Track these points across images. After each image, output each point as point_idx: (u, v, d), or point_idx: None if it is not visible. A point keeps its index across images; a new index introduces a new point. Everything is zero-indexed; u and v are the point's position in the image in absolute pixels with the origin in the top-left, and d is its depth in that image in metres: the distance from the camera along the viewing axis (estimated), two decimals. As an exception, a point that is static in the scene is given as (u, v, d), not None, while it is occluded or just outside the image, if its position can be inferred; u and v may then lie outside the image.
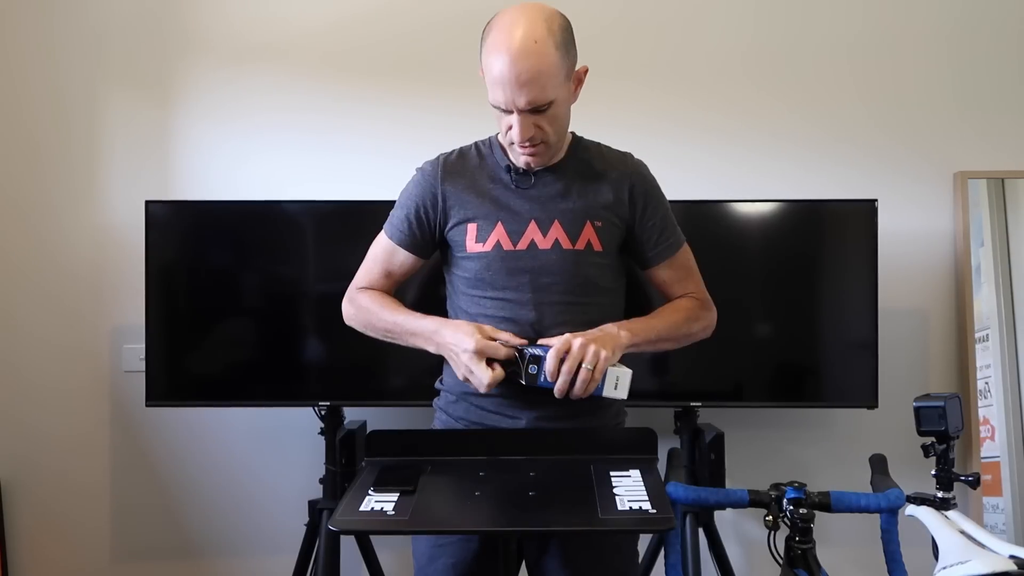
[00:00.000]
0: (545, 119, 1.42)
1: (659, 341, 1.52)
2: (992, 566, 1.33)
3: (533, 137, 1.42)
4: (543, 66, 1.36)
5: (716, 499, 1.59)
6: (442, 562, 1.49)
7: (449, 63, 2.41)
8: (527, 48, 1.34)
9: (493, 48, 1.38)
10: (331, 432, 2.18)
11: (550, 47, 1.36)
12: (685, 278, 1.62)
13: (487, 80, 1.41)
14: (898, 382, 2.35)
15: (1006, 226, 2.41)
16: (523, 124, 1.40)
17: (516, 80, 1.35)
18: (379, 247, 1.61)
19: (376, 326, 1.56)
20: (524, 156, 1.47)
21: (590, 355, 1.36)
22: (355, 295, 1.61)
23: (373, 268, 1.61)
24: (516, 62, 1.34)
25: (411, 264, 1.59)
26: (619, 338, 1.42)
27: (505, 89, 1.37)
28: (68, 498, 2.43)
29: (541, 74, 1.36)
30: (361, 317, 1.58)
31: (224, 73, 2.42)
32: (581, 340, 1.37)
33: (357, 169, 2.42)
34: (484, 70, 1.41)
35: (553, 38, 1.37)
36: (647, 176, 1.58)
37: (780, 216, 2.25)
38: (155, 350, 2.18)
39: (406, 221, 1.56)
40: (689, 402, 2.21)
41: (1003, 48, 2.44)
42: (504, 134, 1.47)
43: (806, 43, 2.44)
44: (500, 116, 1.44)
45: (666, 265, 1.59)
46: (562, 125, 1.48)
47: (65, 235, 2.41)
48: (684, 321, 1.56)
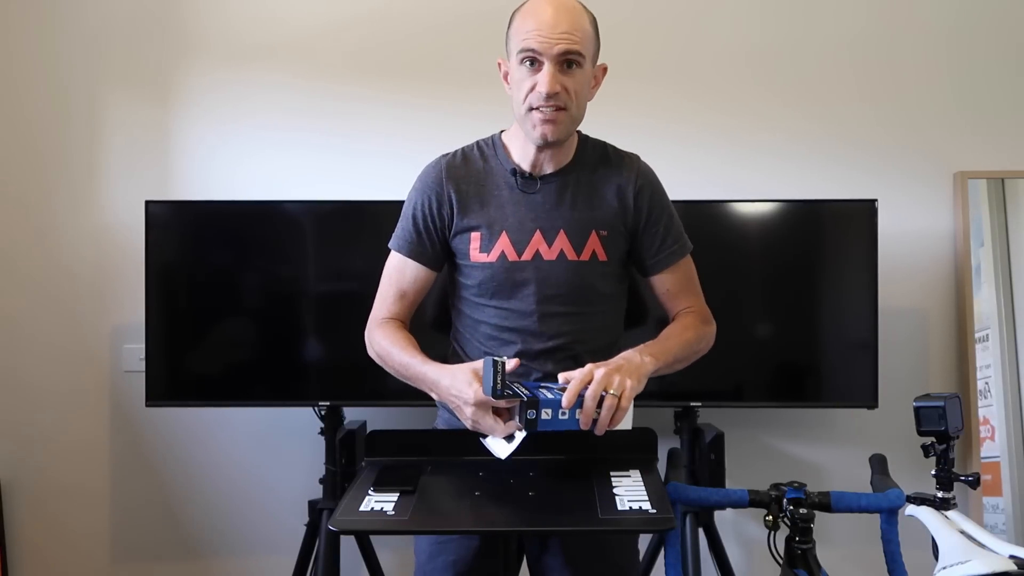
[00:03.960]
0: (571, 81, 1.41)
1: (674, 363, 1.47)
2: (992, 566, 1.32)
3: (558, 95, 1.40)
4: (580, 23, 1.42)
5: (716, 499, 1.59)
6: (443, 560, 1.49)
7: (449, 63, 2.41)
8: (567, 5, 1.42)
9: (530, 10, 1.42)
10: (331, 432, 2.18)
11: (585, 17, 1.44)
12: (687, 289, 1.59)
13: (518, 35, 1.42)
14: (898, 382, 2.35)
15: (1006, 226, 2.41)
16: (552, 76, 1.39)
17: (555, 24, 1.38)
18: (390, 267, 1.56)
19: (391, 366, 1.49)
20: (542, 126, 1.42)
21: (615, 384, 1.26)
22: (372, 333, 1.54)
23: (387, 292, 1.55)
24: (558, 11, 1.40)
25: (424, 279, 1.54)
26: (643, 366, 1.34)
27: (543, 32, 1.38)
28: (68, 498, 2.44)
29: (578, 27, 1.40)
30: (380, 357, 1.52)
31: (224, 73, 2.42)
32: (604, 370, 1.28)
33: (357, 169, 2.42)
34: (514, 35, 1.44)
35: (587, 15, 1.45)
36: (654, 181, 1.57)
37: (780, 216, 2.25)
38: (155, 350, 2.18)
39: (413, 231, 1.53)
40: (689, 402, 2.21)
41: (1003, 48, 2.44)
42: (524, 100, 1.43)
43: (806, 43, 2.44)
44: (522, 80, 1.42)
45: (669, 273, 1.56)
46: (582, 101, 1.46)
47: (65, 235, 2.41)
48: (695, 340, 1.52)
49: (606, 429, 1.25)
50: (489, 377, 1.22)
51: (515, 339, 1.49)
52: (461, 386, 1.30)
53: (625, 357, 1.36)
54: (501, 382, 1.22)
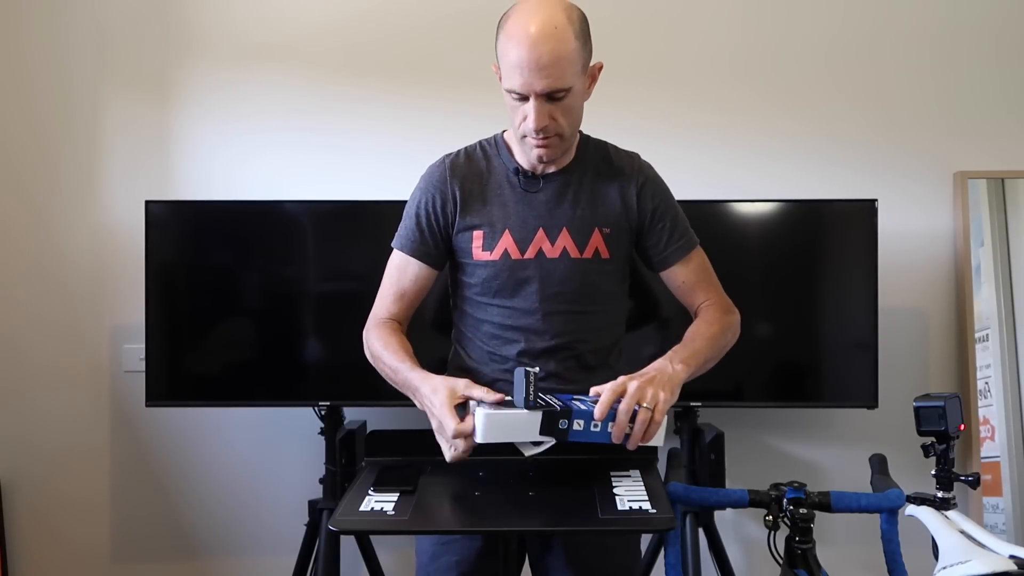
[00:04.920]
0: (560, 109, 1.39)
1: (706, 364, 1.45)
2: (992, 566, 1.33)
3: (547, 127, 1.39)
4: (562, 51, 1.34)
5: (716, 499, 1.59)
6: (444, 560, 1.49)
7: (450, 63, 2.41)
8: (547, 32, 1.33)
9: (512, 33, 1.35)
10: (331, 432, 2.18)
11: (569, 34, 1.35)
12: (704, 280, 1.57)
13: (503, 66, 1.38)
14: (898, 382, 2.35)
15: (1006, 226, 2.42)
16: (539, 111, 1.37)
17: (536, 63, 1.33)
18: (391, 266, 1.56)
19: (381, 369, 1.49)
20: (537, 149, 1.43)
21: (649, 397, 1.24)
22: (368, 334, 1.53)
23: (387, 292, 1.55)
24: (536, 45, 1.32)
25: (424, 278, 1.54)
26: (676, 375, 1.32)
27: (523, 72, 1.34)
28: (68, 497, 2.43)
29: (560, 59, 1.34)
30: (373, 358, 1.50)
31: (225, 73, 2.42)
32: (637, 383, 1.26)
33: (357, 169, 2.42)
34: (500, 57, 1.39)
35: (572, 27, 1.36)
36: (655, 178, 1.57)
37: (780, 216, 2.25)
38: (155, 350, 2.18)
39: (416, 229, 1.52)
40: (689, 402, 2.21)
41: (1003, 48, 2.44)
42: (517, 127, 1.43)
43: (806, 44, 2.44)
44: (514, 108, 1.41)
45: (681, 266, 1.55)
46: (576, 119, 1.45)
47: (65, 235, 2.41)
48: (720, 334, 1.49)
49: (638, 444, 1.24)
50: (521, 388, 1.22)
51: (518, 337, 1.49)
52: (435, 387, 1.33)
53: (657, 368, 1.34)
54: (533, 392, 1.22)
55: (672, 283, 1.58)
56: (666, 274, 1.58)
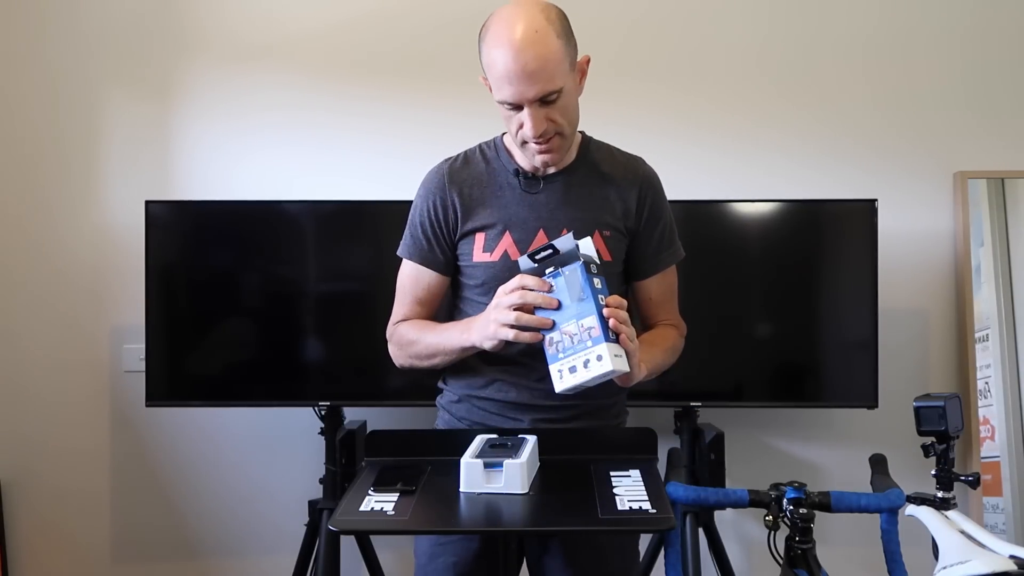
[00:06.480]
0: (556, 110, 1.38)
1: (652, 374, 1.46)
2: (992, 566, 1.33)
3: (547, 131, 1.38)
4: (548, 54, 1.33)
5: (716, 499, 1.59)
6: (443, 560, 1.49)
7: (450, 63, 2.41)
8: (529, 38, 1.32)
9: (494, 44, 1.35)
10: (331, 432, 2.18)
11: (551, 35, 1.34)
12: (669, 301, 1.59)
13: (491, 78, 1.38)
14: (898, 382, 2.35)
15: (1006, 226, 2.41)
16: (535, 118, 1.36)
17: (523, 71, 1.32)
18: (403, 276, 1.56)
19: (422, 354, 1.49)
20: (540, 155, 1.42)
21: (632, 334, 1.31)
22: (393, 332, 1.54)
23: (404, 299, 1.55)
24: (521, 53, 1.31)
25: (438, 285, 1.54)
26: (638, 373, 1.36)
27: (512, 83, 1.34)
28: (68, 498, 2.43)
29: (547, 62, 1.33)
30: (410, 344, 1.51)
31: (224, 72, 2.42)
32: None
33: (357, 169, 2.42)
34: (486, 69, 1.39)
35: (553, 27, 1.35)
36: (657, 185, 1.56)
37: (780, 216, 2.25)
38: (155, 350, 2.18)
39: (423, 239, 1.52)
40: (689, 402, 2.21)
41: (1003, 48, 2.44)
42: (515, 135, 1.42)
43: (806, 44, 2.44)
44: (509, 117, 1.40)
45: (656, 279, 1.56)
46: (573, 116, 1.44)
47: (65, 235, 2.41)
48: (672, 352, 1.54)
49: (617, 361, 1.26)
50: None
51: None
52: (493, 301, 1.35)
53: None
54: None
55: (641, 294, 1.58)
56: (641, 284, 1.57)
